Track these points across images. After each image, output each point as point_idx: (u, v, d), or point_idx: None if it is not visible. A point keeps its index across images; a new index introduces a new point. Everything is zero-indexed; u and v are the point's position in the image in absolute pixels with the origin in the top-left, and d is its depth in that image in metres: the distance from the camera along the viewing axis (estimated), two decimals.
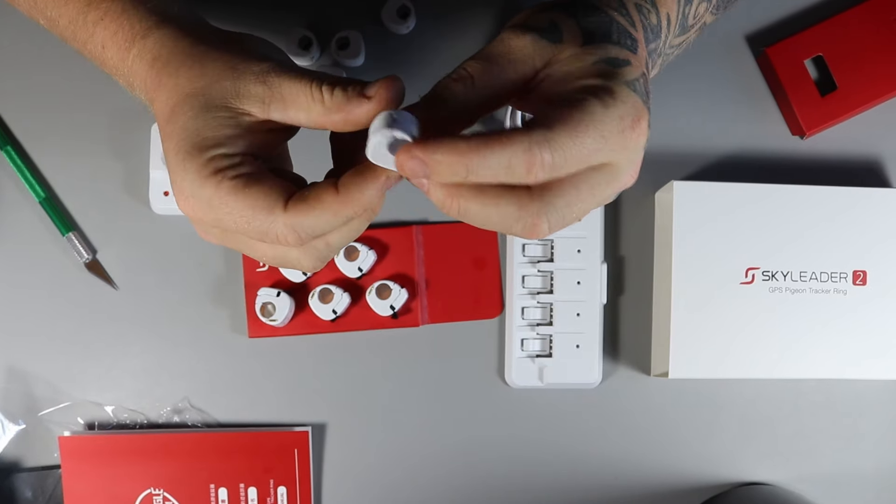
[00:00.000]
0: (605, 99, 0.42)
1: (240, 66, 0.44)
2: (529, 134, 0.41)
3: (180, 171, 0.44)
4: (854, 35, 0.70)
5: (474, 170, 0.40)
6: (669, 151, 0.71)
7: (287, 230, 0.43)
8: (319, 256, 0.46)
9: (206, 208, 0.44)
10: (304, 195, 0.43)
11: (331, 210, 0.43)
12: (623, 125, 0.43)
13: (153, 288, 0.70)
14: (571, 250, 0.70)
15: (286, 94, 0.44)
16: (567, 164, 0.41)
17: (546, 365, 0.69)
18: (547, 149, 0.41)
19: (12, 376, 0.70)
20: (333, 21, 0.71)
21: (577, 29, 0.45)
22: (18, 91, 0.71)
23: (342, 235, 0.45)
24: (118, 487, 0.68)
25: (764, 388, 0.71)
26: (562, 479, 0.71)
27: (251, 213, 0.43)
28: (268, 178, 0.44)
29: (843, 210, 0.67)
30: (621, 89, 0.43)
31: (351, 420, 0.70)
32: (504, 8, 0.72)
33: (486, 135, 0.41)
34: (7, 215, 0.70)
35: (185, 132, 0.44)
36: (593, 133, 0.42)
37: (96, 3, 0.48)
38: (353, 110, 0.43)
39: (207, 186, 0.43)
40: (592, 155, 0.42)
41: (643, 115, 0.44)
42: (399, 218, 0.71)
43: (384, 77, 0.44)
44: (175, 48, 0.46)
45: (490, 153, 0.40)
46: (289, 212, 0.43)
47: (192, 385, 0.70)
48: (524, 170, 0.41)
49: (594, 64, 0.44)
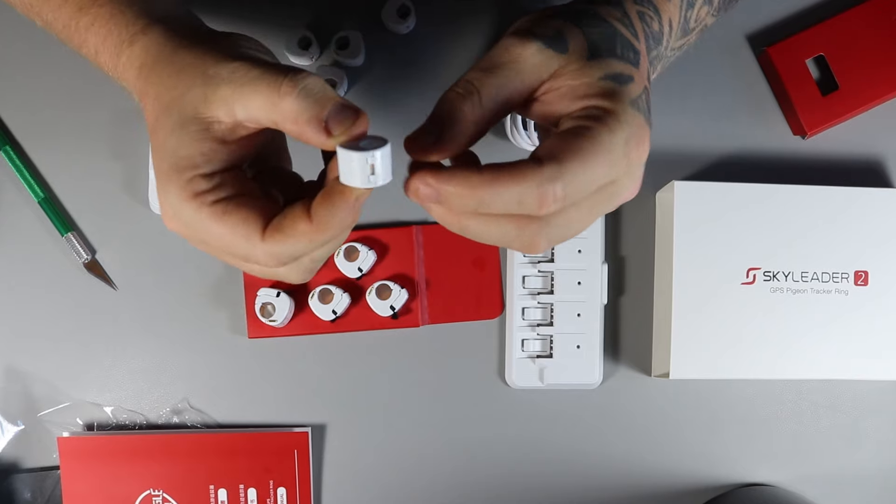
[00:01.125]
0: (611, 125, 0.42)
1: (210, 69, 0.43)
2: (541, 170, 0.41)
3: (163, 191, 0.44)
4: (856, 35, 0.70)
5: (486, 203, 0.41)
6: (670, 151, 0.71)
7: (267, 257, 0.43)
8: (306, 270, 0.46)
9: (188, 229, 0.44)
10: (279, 225, 0.43)
11: (306, 237, 0.43)
12: (628, 148, 0.43)
13: (152, 288, 0.70)
14: (572, 250, 0.70)
15: (248, 93, 0.42)
16: (578, 196, 0.42)
17: (546, 365, 0.69)
18: (559, 183, 0.41)
19: (11, 377, 0.70)
20: (333, 21, 0.71)
21: (582, 39, 0.45)
22: (17, 91, 0.71)
23: (325, 251, 0.45)
24: (117, 488, 0.68)
25: (765, 389, 0.71)
26: (562, 479, 0.71)
27: (231, 238, 0.43)
28: (245, 203, 0.43)
29: (844, 210, 0.67)
30: (625, 111, 0.43)
31: (351, 420, 0.70)
32: (504, 8, 0.72)
33: (497, 169, 0.41)
34: (6, 215, 0.70)
35: (164, 151, 0.44)
36: (602, 162, 0.42)
37: (86, 8, 0.48)
38: (308, 133, 0.42)
39: (188, 209, 0.43)
40: (600, 181, 0.42)
41: (646, 134, 0.44)
42: (399, 218, 0.71)
43: (351, 115, 0.41)
44: (159, 55, 0.45)
45: (503, 189, 0.41)
46: (266, 241, 0.43)
47: (191, 385, 0.70)
48: (536, 206, 0.41)
49: (599, 80, 0.44)
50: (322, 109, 0.41)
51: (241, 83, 0.42)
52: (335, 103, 0.41)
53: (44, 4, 0.50)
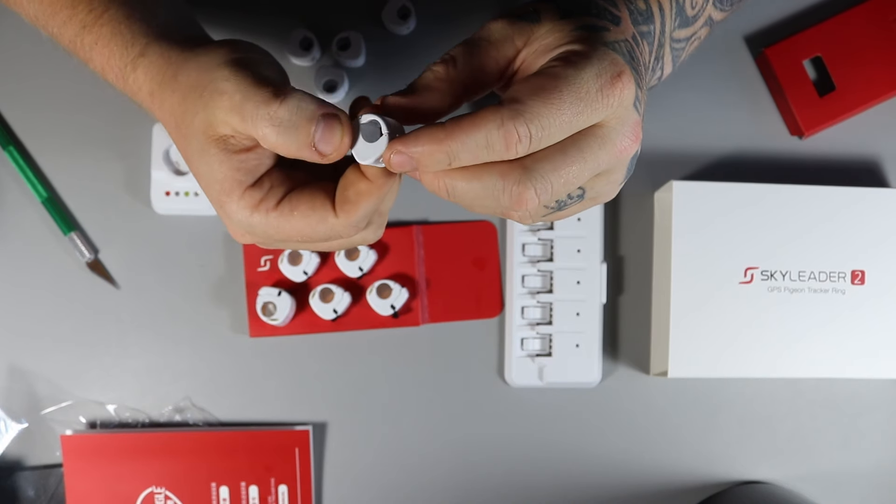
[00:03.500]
0: (577, 62, 0.42)
1: (205, 92, 0.44)
2: (499, 109, 0.41)
3: (224, 214, 0.45)
4: (852, 36, 0.71)
5: (455, 154, 0.41)
6: (668, 151, 0.72)
7: (347, 228, 0.45)
8: (379, 226, 0.48)
9: (265, 237, 0.46)
10: (344, 197, 0.44)
11: (372, 195, 0.44)
12: (601, 82, 0.42)
13: (155, 287, 0.71)
14: (571, 250, 0.70)
15: (237, 123, 0.43)
16: (549, 134, 0.41)
17: (546, 364, 0.69)
18: (521, 121, 0.41)
19: (15, 375, 0.70)
20: (334, 22, 0.71)
21: (554, 7, 0.46)
22: (21, 92, 0.71)
23: (388, 202, 0.46)
24: (120, 486, 0.69)
25: (763, 387, 0.72)
26: (561, 477, 0.71)
27: (309, 227, 0.45)
28: (304, 192, 0.45)
29: (841, 210, 0.68)
30: (596, 48, 0.43)
31: (352, 419, 0.71)
32: (504, 9, 0.72)
33: (458, 118, 0.41)
34: (9, 215, 0.71)
35: (204, 179, 0.45)
36: (568, 96, 0.41)
37: (89, 27, 0.48)
38: (307, 159, 0.43)
39: (256, 220, 0.45)
40: (574, 119, 0.42)
41: (624, 70, 0.43)
42: (399, 218, 0.71)
43: (337, 129, 0.43)
44: (162, 81, 0.46)
45: (465, 136, 0.41)
46: (341, 216, 0.44)
47: (193, 384, 0.71)
48: (503, 146, 0.41)
49: (572, 32, 0.44)
50: (307, 137, 0.42)
51: (230, 109, 0.43)
52: (315, 125, 0.42)
53: (50, 19, 0.50)
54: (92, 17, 0.48)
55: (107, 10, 0.48)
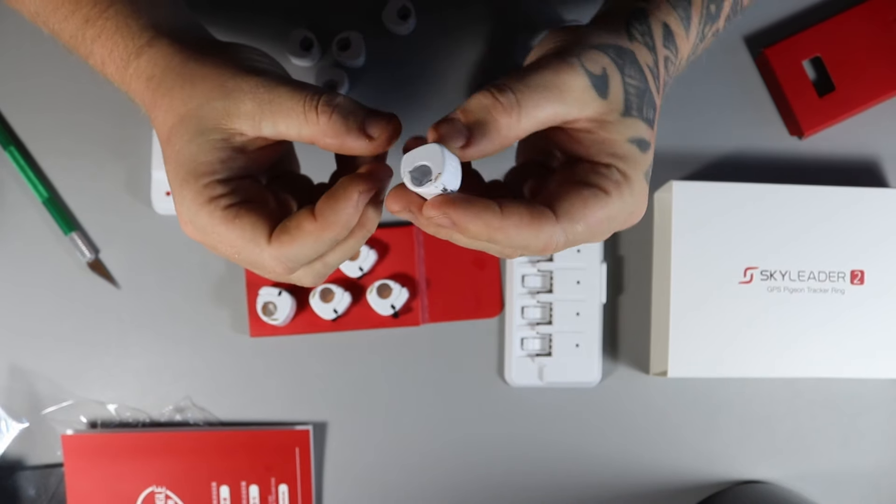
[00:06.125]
0: (625, 196, 0.45)
1: (229, 83, 0.44)
2: (558, 226, 0.43)
3: (178, 197, 0.45)
4: (852, 36, 0.71)
5: (497, 242, 0.43)
6: (668, 151, 0.72)
7: (274, 262, 0.44)
8: (318, 274, 0.47)
9: (202, 234, 0.45)
10: (286, 226, 0.44)
11: (312, 237, 0.43)
12: (627, 216, 0.46)
13: (155, 287, 0.71)
14: (571, 250, 0.70)
15: (276, 111, 0.44)
16: (572, 245, 0.45)
17: (546, 364, 0.70)
18: (565, 237, 0.43)
19: (16, 375, 0.70)
20: (334, 22, 0.71)
21: (620, 90, 0.45)
22: (21, 92, 0.71)
23: (337, 255, 0.46)
24: (121, 485, 0.69)
25: (762, 387, 0.72)
26: (561, 477, 0.71)
27: (240, 243, 0.44)
28: (256, 208, 0.44)
29: (840, 210, 0.68)
30: (640, 182, 0.46)
31: (352, 419, 0.71)
32: (504, 10, 0.72)
33: (516, 214, 0.42)
34: (10, 215, 0.71)
35: (181, 157, 0.44)
36: (605, 221, 0.45)
37: (92, 20, 0.48)
38: (349, 143, 0.44)
39: (202, 214, 0.44)
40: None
41: (644, 205, 0.47)
42: (399, 218, 0.71)
43: (385, 117, 0.44)
44: (168, 67, 0.46)
45: (517, 234, 0.42)
46: (273, 244, 0.44)
47: (194, 384, 0.71)
48: (539, 250, 0.44)
49: (627, 142, 0.45)
50: (359, 120, 0.44)
51: (269, 101, 0.44)
52: (368, 112, 0.44)
53: (51, 14, 0.50)
54: (96, 12, 0.48)
55: (111, 5, 0.48)
